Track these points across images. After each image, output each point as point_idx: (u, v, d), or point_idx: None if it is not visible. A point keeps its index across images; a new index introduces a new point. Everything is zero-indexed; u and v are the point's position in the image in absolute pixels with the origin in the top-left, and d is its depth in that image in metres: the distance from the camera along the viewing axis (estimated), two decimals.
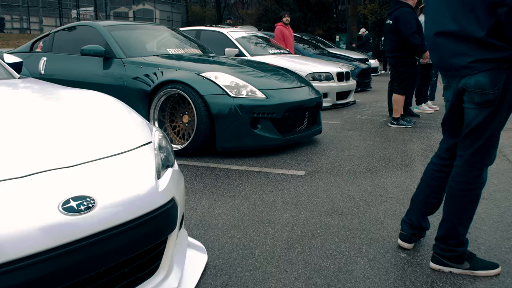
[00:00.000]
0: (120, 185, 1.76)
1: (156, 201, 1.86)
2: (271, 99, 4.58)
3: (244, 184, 3.75)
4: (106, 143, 1.95)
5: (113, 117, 2.24)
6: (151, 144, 2.14)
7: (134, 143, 2.06)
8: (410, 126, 6.38)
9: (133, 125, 2.23)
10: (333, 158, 4.62)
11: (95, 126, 2.08)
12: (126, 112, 2.36)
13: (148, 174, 1.91)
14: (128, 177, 1.83)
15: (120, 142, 2.01)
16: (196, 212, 3.13)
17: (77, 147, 1.83)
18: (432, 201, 2.55)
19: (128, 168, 1.88)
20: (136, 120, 2.32)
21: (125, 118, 2.28)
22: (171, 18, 31.91)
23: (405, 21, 5.99)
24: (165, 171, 2.09)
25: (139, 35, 5.73)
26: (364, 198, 3.46)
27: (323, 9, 29.37)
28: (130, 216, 1.72)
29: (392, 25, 6.17)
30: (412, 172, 4.18)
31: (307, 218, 3.05)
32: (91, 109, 2.29)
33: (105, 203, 1.65)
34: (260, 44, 9.24)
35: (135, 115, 2.39)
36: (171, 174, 2.11)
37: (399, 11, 6.08)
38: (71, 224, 1.53)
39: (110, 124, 2.15)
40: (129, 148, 2.00)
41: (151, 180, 1.89)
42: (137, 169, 1.90)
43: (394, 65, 6.46)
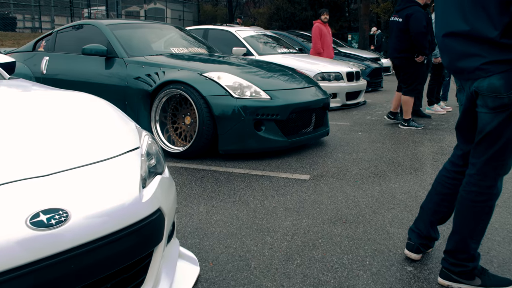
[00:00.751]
0: (98, 196, 1.63)
1: (139, 213, 1.73)
2: (275, 100, 4.43)
3: (246, 189, 3.61)
4: (88, 150, 1.82)
5: (98, 121, 2.11)
6: (138, 150, 2.00)
7: (119, 149, 1.92)
8: (421, 128, 6.19)
9: (120, 130, 2.10)
10: (339, 162, 4.46)
11: (78, 131, 1.95)
12: (113, 116, 2.23)
13: (131, 183, 1.77)
14: (108, 187, 1.69)
15: (103, 148, 1.88)
16: (193, 219, 2.99)
17: (55, 154, 1.70)
18: (442, 210, 2.38)
19: (109, 177, 1.74)
20: (124, 124, 2.18)
21: (111, 122, 2.15)
22: (182, 17, 31.86)
23: (416, 20, 5.80)
24: (152, 179, 1.96)
25: (143, 34, 5.61)
26: (370, 204, 3.30)
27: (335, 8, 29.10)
28: (108, 229, 1.59)
29: (402, 24, 5.95)
30: (422, 177, 4.00)
31: (309, 226, 2.89)
32: (76, 112, 2.16)
33: (80, 216, 1.52)
34: (269, 43, 9.10)
35: (124, 118, 2.26)
36: (159, 182, 1.97)
37: (411, 10, 5.87)
38: (39, 240, 1.40)
39: (95, 129, 2.02)
40: (112, 154, 1.86)
41: (134, 190, 1.76)
42: (119, 178, 1.76)
43: (401, 67, 6.18)
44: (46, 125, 1.92)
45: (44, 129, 1.87)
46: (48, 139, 1.80)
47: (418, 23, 5.79)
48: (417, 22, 5.79)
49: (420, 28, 5.77)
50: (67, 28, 5.77)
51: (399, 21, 5.98)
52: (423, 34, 5.77)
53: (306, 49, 11.10)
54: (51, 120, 1.99)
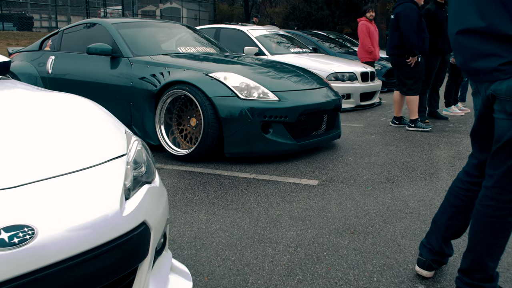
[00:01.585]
0: (71, 210, 1.47)
1: (119, 227, 1.57)
2: (284, 102, 4.25)
3: (250, 195, 3.44)
4: (66, 157, 1.67)
5: (83, 126, 1.96)
6: (124, 157, 1.85)
7: (102, 156, 1.77)
8: (429, 129, 5.94)
9: (106, 135, 1.95)
10: (350, 166, 4.27)
11: (59, 136, 1.80)
12: (101, 120, 2.08)
13: (111, 195, 1.62)
14: (84, 199, 1.54)
15: (84, 156, 1.73)
16: (192, 227, 2.84)
17: (27, 163, 1.56)
18: (456, 223, 2.19)
19: (87, 188, 1.59)
20: (111, 129, 2.03)
21: (97, 127, 2.00)
22: (198, 17, 31.81)
23: (405, 17, 5.65)
24: (138, 189, 1.80)
25: (150, 33, 5.48)
26: (380, 213, 3.11)
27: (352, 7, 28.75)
28: (82, 247, 1.44)
29: (394, 21, 5.85)
30: (437, 183, 3.80)
31: (314, 237, 2.72)
32: (60, 116, 2.01)
33: (48, 234, 1.37)
34: (282, 43, 8.92)
35: (113, 122, 2.11)
36: (146, 192, 1.81)
37: (402, 7, 5.74)
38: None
39: (78, 134, 1.87)
40: (94, 163, 1.71)
41: (114, 203, 1.60)
42: (98, 189, 1.61)
43: (395, 65, 6.06)
44: (23, 130, 1.77)
45: (21, 135, 1.73)
46: (23, 146, 1.66)
47: (406, 21, 5.64)
48: (406, 20, 5.65)
49: (409, 26, 5.61)
50: (73, 27, 5.67)
51: (392, 18, 5.90)
52: (411, 32, 5.59)
53: (321, 48, 10.90)
54: (30, 124, 1.85)
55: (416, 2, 5.71)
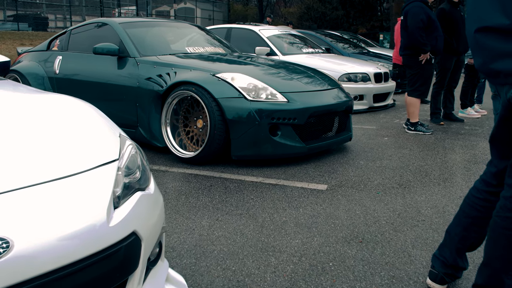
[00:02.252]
0: (52, 221, 1.37)
1: (105, 239, 1.47)
2: (293, 103, 4.13)
3: (255, 200, 3.33)
4: (51, 163, 1.58)
5: (74, 129, 1.87)
6: (115, 163, 1.74)
7: (92, 162, 1.67)
8: (430, 133, 5.76)
9: (97, 139, 1.85)
10: (361, 170, 4.13)
11: (46, 141, 1.71)
12: (94, 123, 1.98)
13: (97, 204, 1.52)
14: (67, 209, 1.44)
15: (72, 161, 1.63)
16: (193, 234, 2.73)
17: (7, 170, 1.46)
18: (472, 235, 2.05)
19: (71, 196, 1.49)
20: (105, 132, 1.93)
21: (90, 130, 1.90)
22: (212, 17, 31.79)
23: (412, 15, 5.52)
24: (129, 197, 1.70)
25: (158, 33, 5.39)
26: (391, 221, 2.98)
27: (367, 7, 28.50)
28: (62, 261, 1.34)
29: (403, 21, 5.73)
30: (451, 188, 3.64)
31: (320, 246, 2.59)
32: (50, 118, 1.92)
33: (25, 247, 1.27)
34: (294, 43, 8.79)
35: (107, 125, 2.01)
36: (138, 200, 1.71)
37: (410, 6, 5.61)
38: None
39: (67, 138, 1.77)
40: (81, 169, 1.61)
41: (100, 212, 1.50)
42: (83, 198, 1.51)
43: (406, 65, 5.94)
44: (9, 134, 1.68)
45: (5, 138, 1.64)
46: (6, 150, 1.57)
47: (413, 19, 5.51)
48: (412, 17, 5.52)
49: (415, 24, 5.47)
50: (81, 27, 5.60)
51: (401, 18, 5.78)
52: (418, 29, 5.45)
53: (334, 49, 10.75)
54: (18, 127, 1.76)
55: (425, 0, 5.56)
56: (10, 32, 17.52)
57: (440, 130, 5.99)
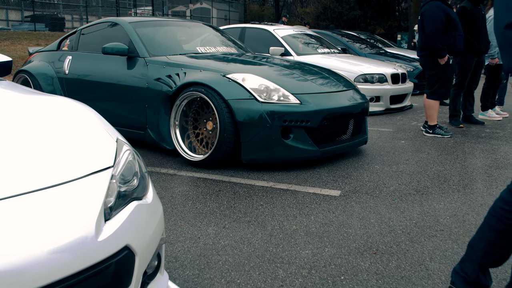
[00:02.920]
0: (32, 237, 1.26)
1: (92, 255, 1.35)
2: (306, 105, 3.99)
3: (265, 206, 3.19)
4: (38, 171, 1.46)
5: (68, 134, 1.75)
6: (109, 170, 1.62)
7: (82, 170, 1.55)
8: (449, 136, 5.56)
9: (92, 144, 1.73)
10: (377, 175, 3.97)
11: (36, 146, 1.60)
12: (90, 127, 1.87)
13: (85, 217, 1.40)
14: (50, 223, 1.32)
15: (61, 169, 1.52)
16: (198, 243, 2.60)
17: None
18: (497, 251, 1.88)
19: (57, 209, 1.37)
20: (101, 136, 1.82)
21: (85, 135, 1.79)
22: (228, 17, 31.72)
23: (429, 16, 5.31)
24: (123, 207, 1.58)
25: (168, 33, 5.28)
26: (407, 230, 2.82)
27: (385, 6, 28.17)
28: (43, 280, 1.22)
29: (419, 21, 5.53)
30: (471, 195, 3.47)
31: (331, 257, 2.45)
32: (44, 122, 1.80)
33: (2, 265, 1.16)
34: (309, 43, 8.64)
35: (103, 130, 1.89)
36: (133, 211, 1.59)
37: (427, 6, 5.41)
38: None
39: (59, 143, 1.66)
40: (70, 178, 1.49)
41: (87, 226, 1.38)
42: (70, 210, 1.39)
43: (424, 66, 5.74)
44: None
45: None
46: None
47: (430, 21, 5.30)
48: (429, 20, 5.32)
49: (433, 26, 5.27)
50: (91, 26, 5.52)
51: (418, 19, 5.59)
52: (435, 32, 5.24)
53: (350, 49, 10.56)
54: (8, 131, 1.65)
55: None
56: (27, 32, 17.63)
57: (459, 133, 5.78)
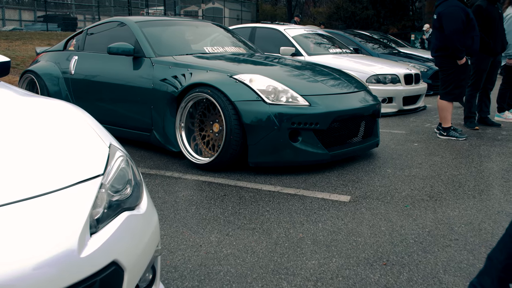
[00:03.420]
0: (10, 251, 1.16)
1: (74, 272, 1.25)
2: (315, 107, 3.86)
3: (271, 212, 3.07)
4: (21, 180, 1.37)
5: (57, 139, 1.65)
6: (98, 179, 1.52)
7: (68, 178, 1.45)
8: (463, 138, 5.39)
9: (81, 150, 1.63)
10: (388, 179, 3.83)
11: (23, 153, 1.50)
12: (82, 132, 1.76)
13: (68, 231, 1.29)
14: (30, 238, 1.22)
15: (46, 178, 1.42)
16: (199, 251, 2.49)
17: None
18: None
19: (38, 222, 1.27)
20: (93, 142, 1.71)
21: (75, 140, 1.68)
22: (240, 17, 31.63)
23: (449, 16, 5.13)
24: (113, 219, 1.47)
25: (175, 32, 5.18)
26: (420, 239, 2.68)
27: (398, 6, 27.87)
28: None
29: (435, 21, 5.34)
30: (487, 202, 3.31)
31: (338, 268, 2.32)
32: (33, 126, 1.71)
33: None
34: (321, 43, 8.49)
35: (98, 135, 1.78)
36: (123, 223, 1.49)
37: (445, 5, 5.22)
38: None
39: (47, 149, 1.56)
40: (54, 187, 1.39)
41: (69, 241, 1.27)
42: (52, 224, 1.29)
43: (439, 67, 5.56)
44: None
45: None
46: None
47: (450, 21, 5.11)
48: (449, 19, 5.12)
49: (453, 26, 5.08)
50: (97, 26, 5.44)
51: (434, 18, 5.40)
52: (456, 33, 5.06)
53: (363, 49, 10.40)
54: None
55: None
56: (39, 32, 17.70)
57: (474, 136, 5.61)
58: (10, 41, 13.81)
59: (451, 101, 5.45)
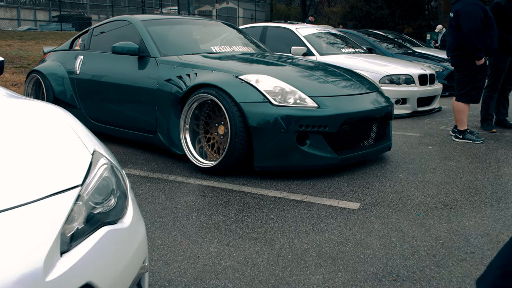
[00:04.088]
0: None
1: None
2: (324, 109, 3.69)
3: (276, 220, 2.92)
4: None
5: (34, 144, 1.53)
6: (74, 190, 1.38)
7: (40, 190, 1.32)
8: (480, 142, 5.17)
9: (60, 158, 1.50)
10: (400, 185, 3.65)
11: None
12: (63, 137, 1.63)
13: (33, 251, 1.16)
14: None
15: (14, 190, 1.29)
16: (196, 264, 2.35)
17: None
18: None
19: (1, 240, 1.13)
20: (73, 148, 1.58)
21: (52, 146, 1.55)
22: (254, 17, 31.49)
23: (467, 14, 4.92)
24: (89, 235, 1.34)
25: (182, 31, 5.05)
26: (433, 252, 2.50)
27: (414, 5, 27.46)
28: None
29: (452, 19, 5.13)
30: (506, 211, 3.12)
31: (344, 284, 2.16)
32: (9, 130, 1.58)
33: None
34: (334, 42, 8.31)
35: (81, 140, 1.65)
36: (101, 239, 1.35)
37: (463, 2, 5.00)
38: None
39: (19, 156, 1.43)
40: (23, 201, 1.26)
41: (34, 262, 1.14)
42: (17, 242, 1.15)
43: (455, 67, 5.34)
44: None
45: None
46: None
47: (468, 20, 4.90)
48: (467, 18, 4.91)
49: (472, 25, 4.86)
50: (103, 25, 5.33)
51: (451, 16, 5.18)
52: (475, 32, 4.84)
53: (377, 49, 10.19)
54: None
55: None
56: (53, 32, 17.74)
57: (492, 139, 5.39)
58: (24, 40, 13.81)
59: (467, 102, 5.24)
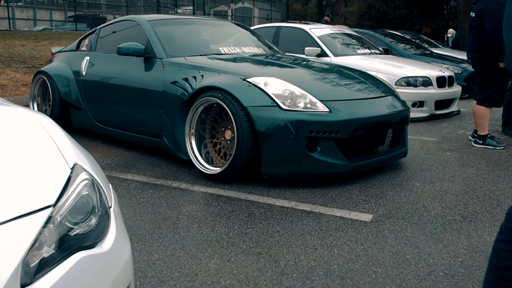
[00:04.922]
0: None
1: None
2: (336, 114, 3.51)
3: (282, 233, 2.74)
4: None
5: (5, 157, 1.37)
6: (44, 212, 1.23)
7: (3, 213, 1.16)
8: (502, 147, 4.93)
9: (31, 173, 1.34)
10: (416, 195, 3.45)
11: None
12: (37, 148, 1.48)
13: None
14: None
15: None
16: (194, 282, 2.18)
17: None
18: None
19: None
20: (48, 162, 1.43)
21: (25, 159, 1.40)
22: (270, 17, 31.30)
23: (490, 14, 4.67)
24: (59, 263, 1.18)
25: (190, 32, 4.90)
26: (451, 271, 2.31)
27: (432, 5, 27.01)
28: None
29: (474, 19, 4.89)
30: None
31: None
32: None
33: None
34: (349, 43, 8.10)
35: (57, 152, 1.49)
36: (72, 268, 1.19)
37: (485, 2, 4.76)
38: None
39: None
40: None
41: None
42: None
43: (477, 69, 5.09)
44: None
45: None
46: None
47: (492, 20, 4.65)
48: (490, 18, 4.66)
49: (495, 25, 4.61)
50: (109, 25, 5.21)
51: (472, 16, 4.95)
52: (498, 32, 4.59)
53: (393, 49, 9.96)
54: None
55: None
56: (68, 32, 17.77)
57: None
58: (38, 40, 13.83)
59: (490, 106, 5.00)
